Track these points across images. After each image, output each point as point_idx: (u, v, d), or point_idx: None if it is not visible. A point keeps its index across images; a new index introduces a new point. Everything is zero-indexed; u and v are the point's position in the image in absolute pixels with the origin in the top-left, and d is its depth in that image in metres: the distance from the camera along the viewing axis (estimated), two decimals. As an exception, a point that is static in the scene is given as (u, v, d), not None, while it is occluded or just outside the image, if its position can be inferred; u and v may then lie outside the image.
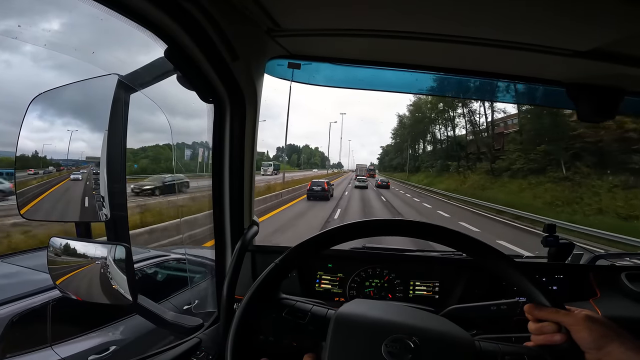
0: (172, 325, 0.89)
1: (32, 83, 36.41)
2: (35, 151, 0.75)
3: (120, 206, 0.72)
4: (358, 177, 32.78)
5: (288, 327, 0.65)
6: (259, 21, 0.80)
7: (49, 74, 37.64)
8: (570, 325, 0.54)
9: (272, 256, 0.66)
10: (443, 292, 1.11)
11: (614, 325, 0.54)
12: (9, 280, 1.88)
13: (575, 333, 0.53)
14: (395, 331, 0.56)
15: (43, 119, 0.73)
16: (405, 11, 0.74)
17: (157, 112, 0.82)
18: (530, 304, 0.59)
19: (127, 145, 0.72)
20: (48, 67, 39.23)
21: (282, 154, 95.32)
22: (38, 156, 0.77)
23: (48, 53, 23.51)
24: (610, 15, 0.66)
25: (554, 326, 0.56)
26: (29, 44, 3.39)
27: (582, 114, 1.06)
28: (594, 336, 0.52)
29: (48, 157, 0.75)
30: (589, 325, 0.53)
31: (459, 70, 1.05)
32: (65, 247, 0.70)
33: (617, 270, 1.16)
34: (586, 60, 0.85)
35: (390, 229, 0.66)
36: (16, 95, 20.76)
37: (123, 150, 0.72)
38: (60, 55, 4.09)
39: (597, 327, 0.52)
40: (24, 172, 0.74)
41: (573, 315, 0.55)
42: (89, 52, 0.74)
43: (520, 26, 0.75)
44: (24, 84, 30.91)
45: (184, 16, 0.63)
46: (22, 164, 0.73)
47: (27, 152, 0.75)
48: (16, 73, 34.44)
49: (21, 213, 0.71)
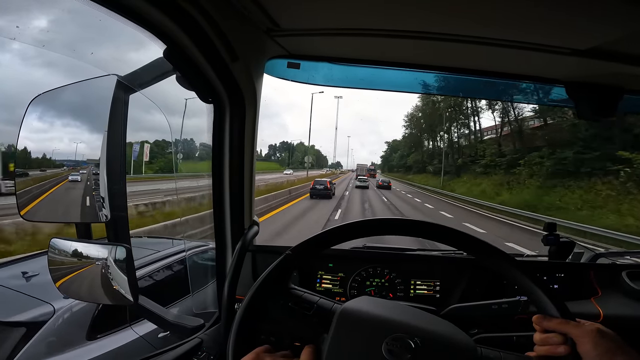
0: (173, 326, 0.89)
1: (23, 82, 36.18)
2: (30, 151, 0.75)
3: (120, 207, 0.71)
4: (359, 177, 32.87)
5: (293, 315, 0.66)
6: (258, 21, 0.80)
7: (38, 72, 37.46)
8: (577, 337, 0.53)
9: (273, 256, 0.67)
10: (444, 291, 1.11)
11: (622, 341, 0.53)
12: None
13: (581, 346, 0.52)
14: (398, 330, 0.56)
15: (43, 120, 0.73)
16: (405, 10, 0.74)
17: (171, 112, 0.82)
18: (539, 315, 0.58)
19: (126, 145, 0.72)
20: (37, 65, 38.99)
21: (276, 152, 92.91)
22: (46, 157, 0.77)
23: (37, 51, 23.45)
24: (609, 14, 0.66)
25: (560, 338, 0.55)
26: (16, 43, 3.38)
27: (582, 112, 1.06)
28: (599, 350, 0.51)
29: (48, 157, 0.76)
30: (596, 339, 0.52)
31: (459, 69, 1.05)
32: (66, 248, 0.70)
33: (618, 268, 1.16)
34: (586, 58, 0.85)
35: (392, 228, 0.66)
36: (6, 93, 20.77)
37: (123, 150, 0.72)
38: (48, 53, 4.01)
39: (604, 342, 0.51)
40: (36, 170, 0.74)
41: (582, 327, 0.54)
42: (87, 52, 0.74)
43: (519, 25, 0.75)
44: (14, 82, 30.61)
45: (183, 16, 0.63)
46: (23, 162, 0.74)
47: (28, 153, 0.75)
48: (4, 72, 34.03)
49: (21, 214, 0.71)
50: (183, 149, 1.12)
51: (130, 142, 2.46)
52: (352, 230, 0.65)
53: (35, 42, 0.74)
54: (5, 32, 0.68)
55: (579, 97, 1.04)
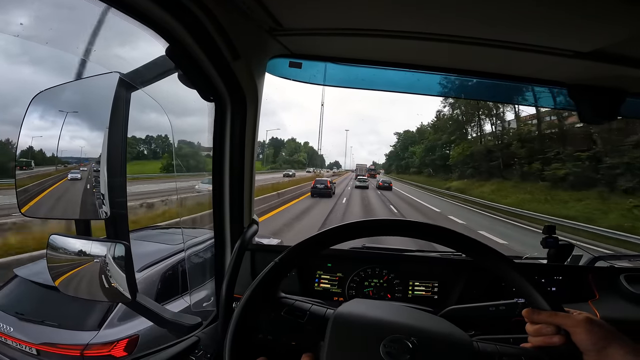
0: (171, 324, 0.89)
1: (8, 79, 35.86)
2: (29, 147, 0.75)
3: (120, 204, 0.71)
4: (358, 177, 32.91)
5: (287, 326, 0.65)
6: (261, 20, 0.80)
7: (26, 69, 37.21)
8: (569, 327, 0.54)
9: (272, 255, 0.66)
10: (442, 292, 1.11)
11: (613, 328, 0.54)
12: (145, 249, 2.60)
13: (575, 335, 0.53)
14: (394, 331, 0.56)
15: (44, 118, 0.73)
16: (407, 11, 0.74)
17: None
18: (528, 308, 0.59)
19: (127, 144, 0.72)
20: (23, 63, 38.58)
21: (264, 149, 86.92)
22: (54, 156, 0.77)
23: (23, 48, 23.31)
24: (612, 17, 0.66)
25: (552, 328, 0.56)
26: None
27: (583, 115, 1.06)
28: (594, 338, 0.52)
29: (48, 154, 0.76)
30: (588, 327, 0.53)
31: (461, 71, 1.05)
32: (65, 244, 0.70)
33: (616, 271, 1.16)
34: (588, 61, 0.84)
35: (391, 229, 0.66)
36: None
37: (124, 148, 0.72)
38: (34, 50, 4.12)
39: (596, 329, 0.52)
40: (51, 167, 0.75)
41: (572, 317, 0.55)
42: (90, 50, 0.74)
43: (521, 27, 0.75)
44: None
45: (186, 15, 0.63)
46: (39, 160, 0.74)
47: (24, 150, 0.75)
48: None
49: (22, 211, 0.71)
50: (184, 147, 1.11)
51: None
52: (351, 231, 0.65)
53: (38, 40, 0.74)
54: (10, 30, 0.68)
55: (581, 100, 1.04)
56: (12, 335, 1.97)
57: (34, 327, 1.99)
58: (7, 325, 2.00)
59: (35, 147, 0.72)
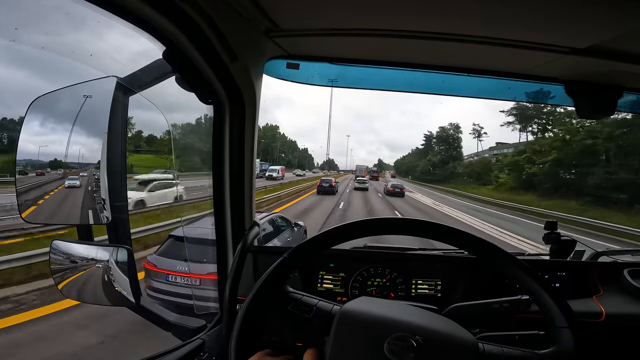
0: (175, 327, 0.89)
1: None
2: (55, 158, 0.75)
3: (121, 208, 0.72)
4: (358, 179, 32.97)
5: (292, 321, 0.66)
6: (257, 22, 0.80)
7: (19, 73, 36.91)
8: None
9: (274, 257, 0.66)
10: (445, 290, 1.11)
11: None
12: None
13: None
14: (399, 329, 0.56)
15: (42, 122, 0.73)
16: (403, 10, 0.74)
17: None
18: None
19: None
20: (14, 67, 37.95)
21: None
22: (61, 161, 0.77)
23: (13, 52, 23.10)
24: (608, 12, 0.66)
25: None
26: None
27: (581, 110, 1.06)
28: None
29: (44, 160, 0.75)
30: None
31: (457, 68, 1.05)
32: (68, 250, 0.70)
33: (620, 266, 1.15)
34: (585, 57, 0.85)
35: (394, 228, 0.66)
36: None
37: (123, 152, 0.72)
38: (26, 54, 4.25)
39: None
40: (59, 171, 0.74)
41: None
42: (86, 54, 0.74)
43: (518, 24, 0.75)
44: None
45: (182, 18, 0.64)
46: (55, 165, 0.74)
47: (26, 156, 0.74)
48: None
49: (22, 217, 0.70)
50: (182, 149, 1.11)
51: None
52: (352, 231, 0.65)
53: (34, 45, 0.74)
54: (9, 35, 0.68)
55: (578, 96, 1.04)
56: (187, 272, 3.19)
57: (196, 265, 2.46)
58: (182, 267, 3.31)
59: (34, 152, 0.72)
